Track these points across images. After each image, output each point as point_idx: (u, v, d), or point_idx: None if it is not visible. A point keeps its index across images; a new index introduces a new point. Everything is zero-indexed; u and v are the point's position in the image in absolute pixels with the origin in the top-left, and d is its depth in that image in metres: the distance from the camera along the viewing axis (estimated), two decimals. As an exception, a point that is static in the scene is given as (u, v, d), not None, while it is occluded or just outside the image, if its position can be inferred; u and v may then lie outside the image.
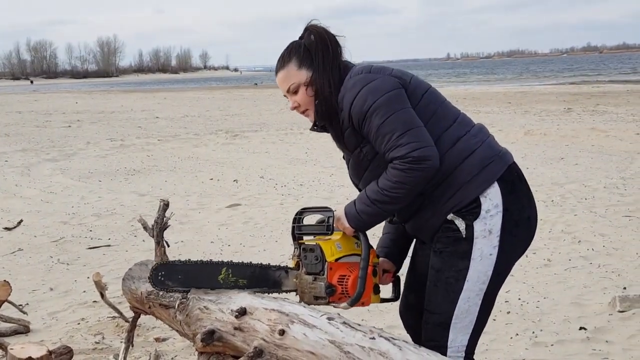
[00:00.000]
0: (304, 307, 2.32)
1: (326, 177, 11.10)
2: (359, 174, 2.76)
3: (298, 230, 2.81)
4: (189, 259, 2.77)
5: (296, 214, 2.84)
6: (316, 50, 2.74)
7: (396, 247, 3.04)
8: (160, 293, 2.72)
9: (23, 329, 4.70)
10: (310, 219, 2.82)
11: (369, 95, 2.59)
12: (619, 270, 5.78)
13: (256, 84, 71.31)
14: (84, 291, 5.62)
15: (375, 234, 2.92)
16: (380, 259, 2.94)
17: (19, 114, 28.39)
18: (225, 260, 2.72)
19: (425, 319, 2.74)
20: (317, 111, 2.75)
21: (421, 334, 2.81)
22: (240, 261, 2.74)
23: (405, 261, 3.09)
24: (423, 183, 2.57)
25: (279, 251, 6.72)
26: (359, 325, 2.18)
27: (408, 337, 2.96)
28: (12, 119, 25.82)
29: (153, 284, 2.65)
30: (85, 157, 14.61)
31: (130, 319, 3.16)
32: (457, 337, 2.67)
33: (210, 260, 2.73)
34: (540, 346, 4.28)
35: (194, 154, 14.63)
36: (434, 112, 2.68)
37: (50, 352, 3.33)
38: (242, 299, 2.43)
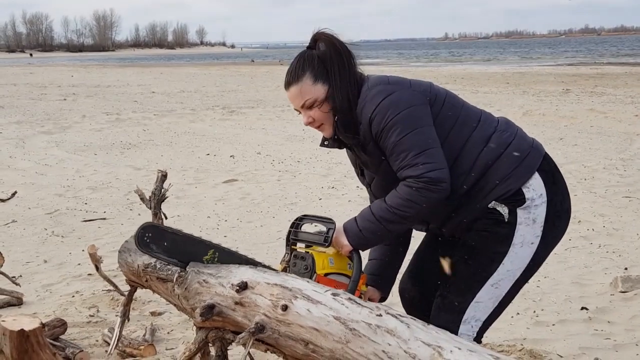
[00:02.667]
0: (308, 282, 2.24)
1: (323, 155, 11.00)
2: (391, 186, 2.59)
3: (294, 236, 2.69)
4: (181, 230, 2.69)
5: (296, 219, 2.72)
6: (331, 62, 2.62)
7: (384, 276, 2.95)
8: (158, 266, 2.64)
9: (16, 301, 4.63)
10: (308, 227, 2.71)
11: (390, 108, 2.50)
12: (619, 250, 5.74)
13: (253, 60, 71.03)
14: (79, 264, 5.55)
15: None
16: (368, 290, 2.84)
17: (14, 87, 28.18)
18: (215, 243, 2.62)
19: (443, 295, 2.67)
20: (337, 127, 2.65)
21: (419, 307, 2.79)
22: (230, 249, 2.62)
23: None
24: (433, 206, 2.51)
25: (275, 227, 6.66)
26: (365, 301, 2.10)
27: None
28: (7, 91, 25.62)
29: (137, 244, 2.56)
30: (80, 130, 14.48)
31: (126, 293, 3.08)
32: (475, 315, 2.62)
33: (201, 238, 2.64)
34: (541, 325, 4.24)
35: (190, 129, 14.52)
36: (457, 116, 2.62)
37: (43, 325, 3.26)
38: (243, 272, 2.35)
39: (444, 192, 2.47)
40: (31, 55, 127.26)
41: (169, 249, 2.57)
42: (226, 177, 9.24)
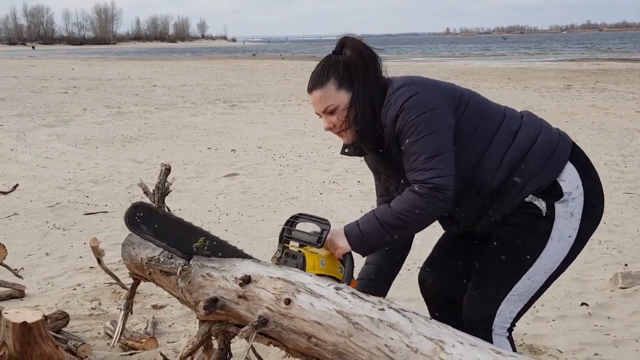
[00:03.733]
0: (311, 276, 2.25)
1: (324, 149, 11.02)
2: None
3: (287, 234, 2.67)
4: (173, 214, 2.68)
5: (291, 217, 2.70)
6: (356, 70, 2.61)
7: (379, 280, 2.94)
8: (162, 259, 2.65)
9: (18, 294, 4.64)
10: (303, 226, 2.70)
11: (414, 107, 2.49)
12: (620, 247, 5.75)
13: (254, 54, 70.97)
14: (80, 257, 5.56)
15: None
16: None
17: (15, 79, 28.18)
18: (207, 231, 2.61)
19: (478, 288, 2.68)
20: (360, 135, 2.64)
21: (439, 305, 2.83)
22: (223, 240, 2.60)
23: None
24: (438, 213, 2.52)
25: (276, 221, 6.66)
26: (368, 295, 2.12)
27: (418, 309, 2.91)
28: (8, 83, 25.61)
29: (127, 223, 2.53)
30: (81, 123, 14.49)
31: (129, 286, 3.09)
32: (509, 307, 2.63)
33: (192, 224, 2.63)
34: (541, 321, 4.25)
35: (191, 123, 14.52)
36: (482, 114, 2.62)
37: (45, 317, 3.28)
38: (247, 266, 2.36)
39: (448, 200, 2.46)
40: (34, 47, 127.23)
41: (158, 232, 2.54)
42: (227, 171, 9.25)
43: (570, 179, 2.57)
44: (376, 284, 2.92)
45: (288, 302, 2.13)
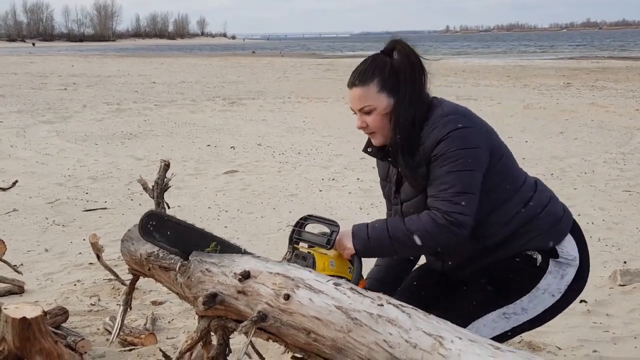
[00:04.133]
0: (310, 272, 2.25)
1: (324, 146, 11.03)
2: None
3: (297, 235, 2.66)
4: (185, 220, 2.69)
5: (300, 219, 2.69)
6: (404, 77, 2.56)
7: (386, 282, 2.91)
8: (161, 255, 2.65)
9: (17, 289, 4.65)
10: (312, 228, 2.69)
11: (459, 139, 2.46)
12: (619, 244, 5.76)
13: (254, 51, 70.94)
14: (80, 253, 5.56)
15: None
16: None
17: (15, 76, 28.17)
18: (218, 236, 2.62)
19: (447, 307, 2.65)
20: (395, 145, 2.59)
21: None
22: (233, 243, 2.61)
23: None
24: (447, 247, 2.55)
25: (276, 218, 6.67)
26: (367, 291, 2.12)
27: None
28: (8, 80, 25.60)
29: (141, 232, 2.55)
30: (81, 120, 14.48)
31: (128, 282, 3.10)
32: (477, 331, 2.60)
33: (204, 229, 2.63)
34: (540, 318, 4.24)
35: (190, 120, 14.52)
36: (509, 171, 2.64)
37: (45, 313, 3.28)
38: (246, 262, 2.36)
39: (462, 238, 2.47)
40: (34, 44, 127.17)
41: (171, 239, 2.57)
42: (227, 168, 9.25)
43: (568, 249, 2.63)
44: (383, 285, 2.89)
45: (287, 297, 2.13)
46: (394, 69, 2.58)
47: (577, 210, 6.77)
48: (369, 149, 2.78)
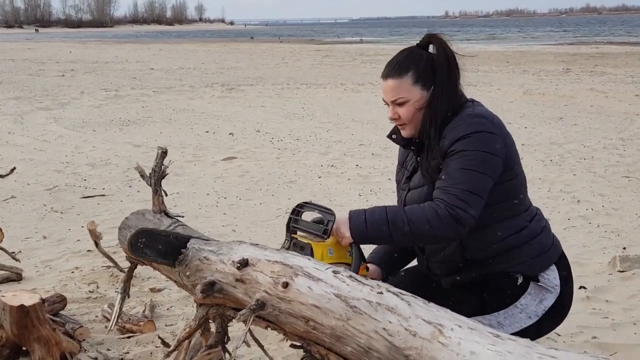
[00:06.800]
0: (309, 259, 2.24)
1: (323, 132, 11.00)
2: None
3: (294, 224, 2.62)
4: (176, 231, 2.67)
5: (296, 206, 2.64)
6: (440, 70, 2.56)
7: (392, 257, 2.92)
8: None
9: (15, 277, 4.63)
10: (309, 215, 2.67)
11: (479, 142, 2.46)
12: (618, 230, 5.74)
13: (252, 37, 70.75)
14: (78, 240, 5.55)
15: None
16: (370, 269, 2.79)
17: (12, 62, 28.06)
18: (213, 239, 2.60)
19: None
20: (425, 137, 2.59)
21: None
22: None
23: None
24: (445, 239, 2.54)
25: (275, 205, 6.66)
26: (366, 279, 2.10)
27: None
28: (5, 66, 25.51)
29: (131, 250, 2.54)
30: (79, 106, 14.44)
31: (126, 269, 3.08)
32: None
33: (191, 235, 2.60)
34: (539, 305, 4.24)
35: (189, 106, 14.48)
36: (516, 195, 2.63)
37: (43, 300, 3.27)
38: (244, 250, 2.34)
39: (461, 235, 2.47)
40: (37, 30, 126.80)
41: (163, 252, 2.54)
42: (225, 154, 9.23)
43: (550, 278, 2.65)
44: (385, 262, 2.90)
45: (286, 285, 2.12)
46: (430, 62, 2.58)
47: (577, 197, 6.77)
48: (394, 136, 2.77)
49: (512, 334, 2.56)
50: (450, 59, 2.59)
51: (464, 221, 2.43)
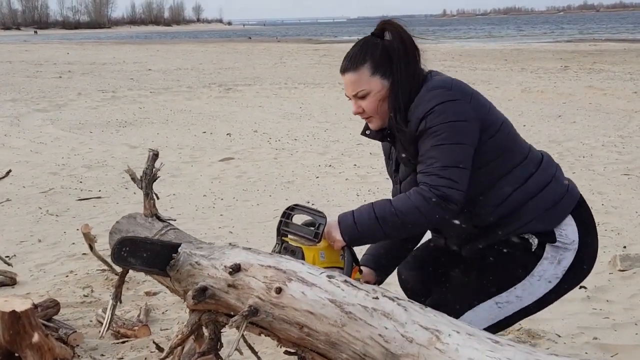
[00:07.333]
0: (303, 264, 2.19)
1: (321, 132, 10.95)
2: None
3: (284, 227, 2.57)
4: (161, 239, 2.61)
5: (287, 209, 2.60)
6: (397, 57, 2.50)
7: (385, 258, 2.85)
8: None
9: (9, 281, 4.58)
10: (299, 218, 2.60)
11: (443, 114, 2.40)
12: (618, 229, 5.69)
13: (250, 37, 70.71)
14: (73, 243, 5.50)
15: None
16: (363, 272, 2.74)
17: (9, 64, 27.99)
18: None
19: (444, 294, 2.63)
20: (392, 126, 2.54)
21: None
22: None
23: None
24: (437, 222, 2.47)
25: (272, 206, 6.60)
26: (361, 284, 2.06)
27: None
28: (2, 68, 25.45)
29: (114, 259, 2.47)
30: (76, 108, 14.39)
31: (119, 274, 3.03)
32: (473, 320, 2.54)
33: (177, 242, 2.55)
34: (539, 305, 4.19)
35: (186, 107, 14.43)
36: (506, 147, 2.55)
37: (35, 306, 3.22)
38: (237, 254, 2.29)
39: (452, 213, 2.41)
40: (36, 32, 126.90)
41: (147, 260, 2.48)
42: (222, 155, 9.18)
43: (567, 232, 2.56)
44: (378, 263, 2.84)
45: (279, 291, 2.07)
46: (386, 50, 2.52)
47: (576, 195, 6.72)
48: (367, 132, 2.72)
49: (533, 302, 2.55)
50: (407, 43, 2.53)
51: (452, 198, 2.38)
